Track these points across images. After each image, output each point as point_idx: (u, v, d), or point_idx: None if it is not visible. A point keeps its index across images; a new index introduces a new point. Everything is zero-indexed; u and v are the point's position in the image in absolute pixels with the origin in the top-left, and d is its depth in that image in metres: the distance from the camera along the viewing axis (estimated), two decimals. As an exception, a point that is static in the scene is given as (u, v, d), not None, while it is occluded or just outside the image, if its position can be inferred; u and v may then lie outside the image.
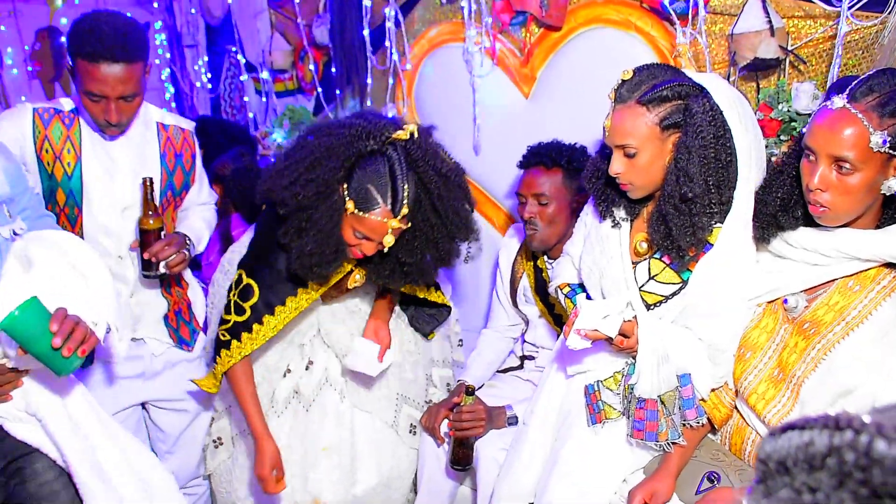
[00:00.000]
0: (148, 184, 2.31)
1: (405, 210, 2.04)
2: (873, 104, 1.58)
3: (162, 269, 2.31)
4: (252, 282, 2.27)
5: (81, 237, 2.36)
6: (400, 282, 2.33)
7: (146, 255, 2.29)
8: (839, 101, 1.60)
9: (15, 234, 1.84)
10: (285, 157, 2.07)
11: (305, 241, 2.06)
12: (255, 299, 2.26)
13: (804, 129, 1.71)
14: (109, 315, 1.79)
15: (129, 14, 2.38)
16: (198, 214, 2.63)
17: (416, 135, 2.06)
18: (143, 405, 2.65)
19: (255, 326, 2.27)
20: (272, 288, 2.27)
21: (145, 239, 2.31)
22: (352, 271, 2.34)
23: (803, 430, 0.56)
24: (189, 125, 2.58)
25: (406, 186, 2.03)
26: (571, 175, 2.47)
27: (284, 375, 2.56)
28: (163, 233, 2.34)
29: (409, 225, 2.12)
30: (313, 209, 2.01)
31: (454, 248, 2.27)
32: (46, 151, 2.35)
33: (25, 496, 1.82)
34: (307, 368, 2.56)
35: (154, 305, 2.56)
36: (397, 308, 2.67)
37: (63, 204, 2.40)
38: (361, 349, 2.47)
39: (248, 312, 2.27)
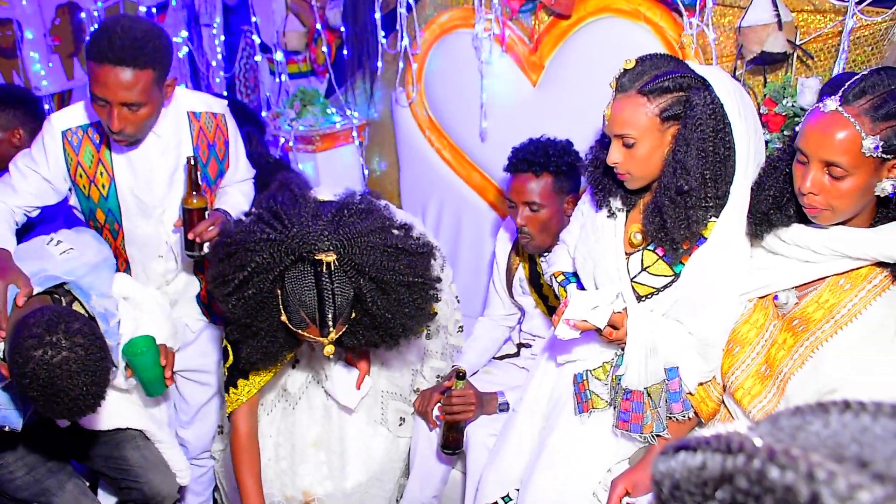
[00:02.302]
0: (192, 163, 2.23)
1: (333, 335, 1.94)
2: (866, 107, 1.54)
3: (206, 249, 2.23)
4: (229, 346, 2.22)
5: (123, 248, 2.41)
6: (378, 343, 2.16)
7: (190, 236, 2.22)
8: (831, 103, 1.57)
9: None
10: (218, 259, 1.95)
11: (250, 344, 2.03)
12: (230, 362, 2.22)
13: (797, 128, 1.69)
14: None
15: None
16: (237, 189, 2.57)
17: (342, 254, 1.86)
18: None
19: (240, 383, 2.24)
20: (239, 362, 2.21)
21: (189, 218, 2.24)
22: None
23: (696, 452, 0.53)
24: (221, 107, 2.47)
25: (333, 310, 1.89)
26: (561, 177, 2.42)
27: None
28: (206, 213, 2.27)
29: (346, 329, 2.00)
30: (251, 319, 1.96)
31: (409, 332, 2.13)
32: (81, 176, 2.30)
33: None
34: (294, 367, 2.56)
35: (188, 287, 2.57)
36: None
37: (104, 221, 2.38)
38: (339, 377, 2.45)
39: (226, 374, 2.24)
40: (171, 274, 2.50)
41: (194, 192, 2.24)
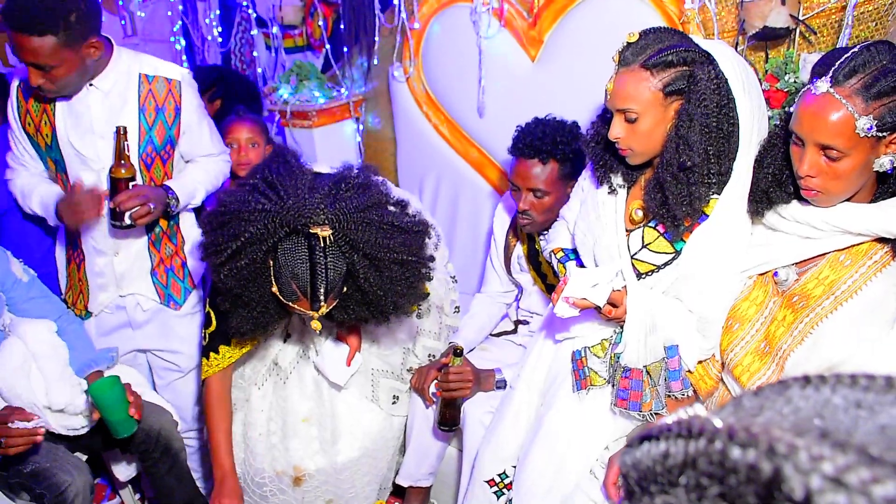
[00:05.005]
0: (122, 133, 2.28)
1: (324, 309, 1.93)
2: (857, 87, 1.51)
3: (127, 220, 2.29)
4: (211, 312, 2.24)
5: None
6: (368, 318, 2.16)
7: (112, 205, 2.29)
8: (822, 85, 1.54)
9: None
10: (211, 228, 1.93)
11: (240, 313, 2.02)
12: (212, 328, 2.25)
13: (791, 109, 1.66)
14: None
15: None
16: (199, 167, 2.60)
17: (337, 229, 1.84)
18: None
19: (221, 349, 2.27)
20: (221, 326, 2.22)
21: (115, 187, 2.30)
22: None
23: (659, 441, 0.52)
24: (178, 75, 2.48)
25: (326, 284, 1.88)
26: (566, 163, 2.40)
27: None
28: (132, 184, 2.32)
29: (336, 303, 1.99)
30: (243, 289, 1.94)
31: (400, 309, 2.12)
32: (29, 125, 2.42)
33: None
34: (285, 341, 2.55)
35: (139, 261, 2.58)
36: None
37: (55, 171, 2.47)
38: (329, 353, 2.44)
39: (207, 340, 2.26)
40: (117, 241, 2.53)
41: (122, 162, 2.30)
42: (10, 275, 2.40)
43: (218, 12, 4.74)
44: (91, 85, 2.34)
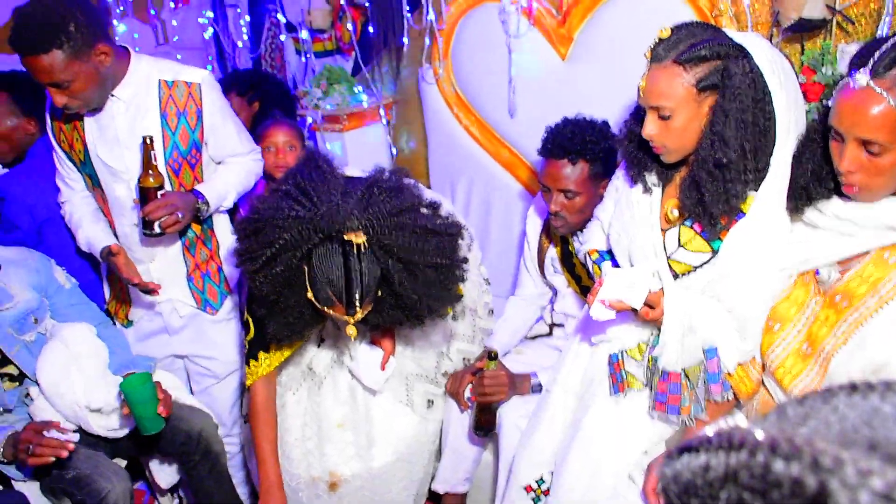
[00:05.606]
0: (148, 142, 2.30)
1: (360, 314, 1.92)
2: None
3: (157, 229, 2.31)
4: (249, 319, 2.24)
5: (112, 217, 2.54)
6: (403, 321, 2.14)
7: (142, 214, 2.31)
8: (862, 78, 1.49)
9: (41, 334, 2.42)
10: (245, 235, 1.92)
11: (276, 319, 2.02)
12: (251, 335, 2.25)
13: (829, 103, 1.61)
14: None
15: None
16: (228, 168, 2.60)
17: (371, 235, 1.83)
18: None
19: (260, 356, 2.27)
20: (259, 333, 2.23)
21: (144, 196, 2.32)
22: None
23: (699, 452, 0.50)
24: (199, 77, 2.47)
25: (361, 289, 1.87)
26: (597, 163, 2.36)
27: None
28: (161, 192, 2.33)
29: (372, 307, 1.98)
30: (278, 295, 1.94)
31: (434, 312, 2.10)
32: (63, 142, 2.46)
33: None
34: (319, 346, 2.54)
35: (175, 266, 2.60)
36: None
37: (91, 185, 2.52)
38: (364, 357, 2.43)
39: (247, 346, 2.27)
40: (152, 248, 2.56)
41: (150, 172, 2.31)
42: (54, 281, 2.46)
43: (248, 18, 4.77)
44: (113, 96, 2.35)
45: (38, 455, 2.08)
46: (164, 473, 2.75)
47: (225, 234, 2.69)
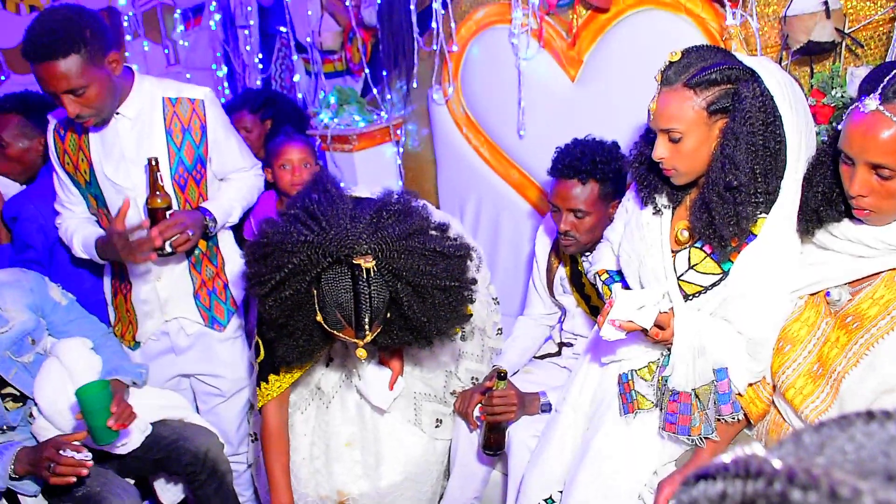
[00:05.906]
0: (154, 164, 2.32)
1: (369, 336, 1.92)
2: None
3: (168, 249, 2.33)
4: (259, 342, 2.24)
5: None
6: (412, 342, 2.14)
7: (152, 235, 2.31)
8: (871, 102, 1.50)
9: (39, 355, 2.41)
10: (254, 259, 1.92)
11: (286, 342, 2.02)
12: (261, 358, 2.25)
13: (839, 126, 1.62)
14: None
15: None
16: (232, 185, 2.64)
17: (380, 259, 1.83)
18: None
19: (271, 378, 2.27)
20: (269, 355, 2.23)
21: (152, 217, 2.34)
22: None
23: (715, 480, 0.50)
24: (201, 94, 2.51)
25: (370, 313, 1.86)
26: (607, 183, 2.37)
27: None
28: (169, 212, 2.35)
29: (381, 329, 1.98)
30: (287, 319, 1.95)
31: (443, 333, 2.09)
32: (68, 164, 2.48)
33: None
34: (328, 365, 2.54)
35: (181, 284, 2.61)
36: None
37: (97, 207, 2.52)
38: (372, 377, 2.43)
39: (257, 369, 2.27)
40: (159, 268, 2.56)
41: (157, 193, 2.34)
42: (49, 300, 2.45)
43: (258, 39, 4.81)
44: (118, 113, 2.37)
45: (59, 474, 2.08)
46: (170, 493, 2.75)
47: (230, 251, 2.71)
